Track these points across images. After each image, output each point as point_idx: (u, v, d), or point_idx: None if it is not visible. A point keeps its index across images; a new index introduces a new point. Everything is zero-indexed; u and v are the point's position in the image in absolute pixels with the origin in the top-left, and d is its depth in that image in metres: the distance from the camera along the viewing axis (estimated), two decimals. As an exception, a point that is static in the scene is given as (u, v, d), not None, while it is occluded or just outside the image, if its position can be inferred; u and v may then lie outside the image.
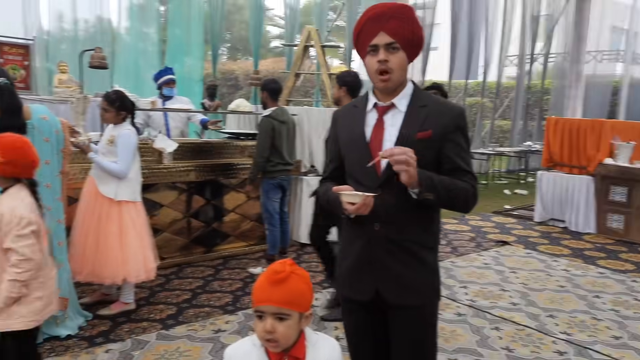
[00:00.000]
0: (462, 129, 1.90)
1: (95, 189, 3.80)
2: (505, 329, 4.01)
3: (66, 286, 3.49)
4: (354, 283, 1.94)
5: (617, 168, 7.34)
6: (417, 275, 1.89)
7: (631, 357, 3.64)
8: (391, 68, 1.81)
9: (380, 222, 1.85)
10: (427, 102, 1.88)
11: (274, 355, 1.49)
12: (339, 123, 2.04)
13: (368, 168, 1.85)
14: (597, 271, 5.67)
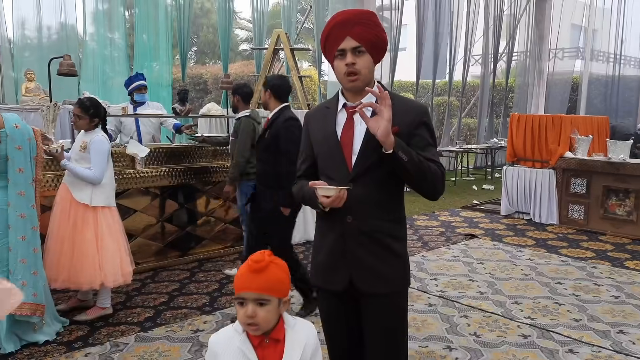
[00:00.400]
0: (427, 124, 2.02)
1: (69, 195, 3.84)
2: (473, 317, 4.20)
3: (42, 293, 3.53)
4: (328, 274, 2.06)
5: (576, 161, 7.65)
6: (388, 265, 2.00)
7: (589, 337, 3.86)
8: (358, 70, 1.92)
9: (352, 215, 1.97)
10: (394, 101, 1.96)
11: (256, 339, 1.61)
12: (311, 124, 2.15)
13: (340, 164, 1.97)
14: (559, 259, 5.93)
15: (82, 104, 3.90)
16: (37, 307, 3.47)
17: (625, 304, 4.55)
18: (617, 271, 5.54)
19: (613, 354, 3.60)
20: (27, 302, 3.40)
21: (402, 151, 1.86)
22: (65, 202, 3.85)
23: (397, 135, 1.90)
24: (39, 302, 3.48)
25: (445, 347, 3.64)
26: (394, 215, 2.04)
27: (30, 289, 3.43)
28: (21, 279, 3.38)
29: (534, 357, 3.53)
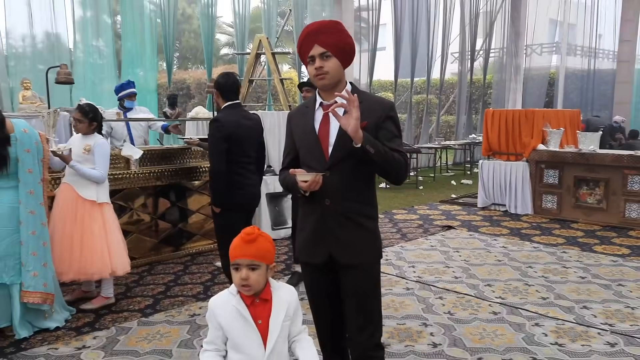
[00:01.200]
0: (393, 118, 2.32)
1: (73, 194, 4.13)
2: (447, 298, 4.55)
3: (51, 283, 3.82)
4: (310, 250, 2.39)
5: (549, 153, 8.06)
6: (361, 240, 2.32)
7: (555, 312, 4.23)
8: (326, 71, 2.23)
9: (330, 198, 2.29)
10: (363, 99, 2.25)
11: (248, 299, 1.93)
12: (293, 122, 2.47)
13: (318, 155, 2.29)
14: (531, 246, 6.31)
15: (82, 109, 4.21)
16: (47, 295, 3.76)
17: (591, 284, 4.94)
18: (586, 255, 5.93)
19: (575, 326, 3.97)
20: (38, 291, 3.70)
21: (369, 145, 2.14)
22: (69, 201, 4.14)
23: (365, 129, 2.19)
24: (49, 291, 3.77)
25: (421, 324, 3.99)
26: (366, 198, 2.35)
27: (40, 279, 3.72)
28: (32, 270, 3.69)
29: (502, 330, 3.88)
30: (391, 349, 3.51)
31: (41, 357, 3.44)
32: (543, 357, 3.45)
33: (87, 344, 3.65)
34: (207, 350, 1.95)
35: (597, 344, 3.65)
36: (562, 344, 3.64)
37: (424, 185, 11.53)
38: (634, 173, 7.26)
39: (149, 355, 3.46)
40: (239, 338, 1.90)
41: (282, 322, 1.94)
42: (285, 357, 1.97)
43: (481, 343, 3.66)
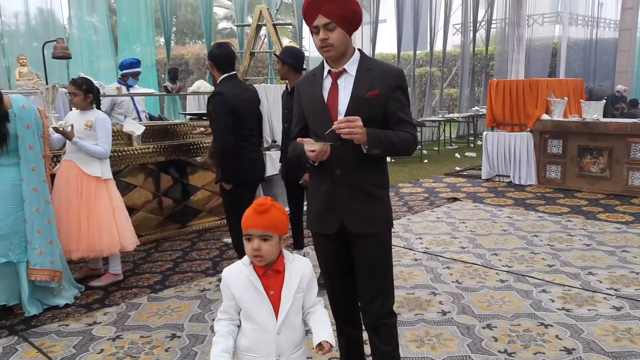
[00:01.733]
0: (402, 88, 2.29)
1: (76, 171, 4.11)
2: (455, 267, 4.57)
3: (58, 260, 3.84)
4: (321, 220, 2.38)
5: (552, 123, 8.02)
6: (373, 209, 2.30)
7: (561, 279, 4.25)
8: (331, 43, 2.18)
9: (341, 168, 2.26)
10: (373, 66, 2.26)
11: (260, 270, 1.93)
12: (301, 90, 2.43)
13: (327, 124, 2.25)
14: (536, 216, 6.32)
15: (75, 81, 4.16)
16: (54, 273, 3.78)
17: (596, 250, 4.95)
18: (590, 223, 5.95)
19: (582, 291, 3.99)
20: (45, 268, 3.72)
21: (374, 147, 2.19)
22: (75, 178, 4.12)
23: (377, 97, 2.21)
24: (56, 268, 3.79)
25: (430, 293, 4.01)
26: (376, 167, 2.32)
27: (47, 256, 3.73)
28: (38, 248, 3.69)
29: (510, 297, 3.90)
30: (401, 317, 3.53)
31: (52, 334, 3.47)
32: (551, 322, 3.48)
33: (97, 320, 3.68)
34: (221, 320, 1.96)
35: (603, 308, 3.67)
36: (569, 309, 3.66)
37: (428, 158, 11.51)
38: (638, 141, 7.23)
39: (161, 330, 3.49)
40: (251, 308, 1.91)
41: (295, 294, 1.94)
42: (298, 328, 1.98)
43: (489, 310, 3.69)
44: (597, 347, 3.13)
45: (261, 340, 1.91)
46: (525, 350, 3.12)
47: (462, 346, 3.18)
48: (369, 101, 2.23)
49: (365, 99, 2.23)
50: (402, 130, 2.29)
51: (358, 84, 2.25)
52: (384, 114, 2.28)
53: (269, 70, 11.51)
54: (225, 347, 1.89)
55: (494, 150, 8.66)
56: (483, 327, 3.42)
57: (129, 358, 3.13)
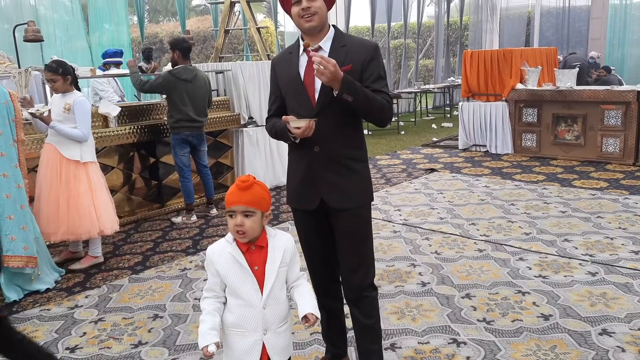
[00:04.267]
0: (377, 60, 2.29)
1: (57, 155, 4.05)
2: (434, 238, 4.63)
3: (33, 246, 3.74)
4: (302, 196, 2.39)
5: (527, 92, 8.09)
6: (352, 183, 2.32)
7: (538, 246, 4.34)
8: (314, 12, 2.18)
9: (319, 144, 2.26)
10: (346, 42, 2.27)
11: (244, 246, 1.95)
12: (276, 68, 2.41)
13: (305, 102, 2.26)
14: (513, 184, 6.42)
15: (50, 67, 4.06)
16: (28, 259, 3.70)
17: (571, 217, 5.06)
18: (565, 190, 6.06)
19: (558, 258, 4.08)
20: (17, 255, 3.64)
21: (347, 92, 2.13)
22: (54, 162, 4.06)
23: (350, 72, 2.18)
24: (30, 254, 3.70)
25: (409, 264, 4.07)
26: (355, 141, 2.35)
27: (19, 242, 3.65)
28: (9, 234, 3.62)
29: (488, 266, 3.98)
30: (381, 290, 3.58)
31: (34, 319, 3.45)
32: (528, 289, 3.56)
33: (79, 303, 3.66)
34: (207, 298, 1.97)
35: (579, 274, 3.76)
36: (545, 276, 3.75)
37: (405, 130, 11.55)
38: (610, 108, 7.34)
39: (143, 311, 3.49)
40: (236, 284, 1.92)
41: (278, 268, 1.96)
42: (283, 302, 2.00)
43: (468, 280, 3.75)
44: (574, 312, 3.22)
45: (247, 315, 1.93)
46: (503, 318, 3.19)
47: (442, 316, 3.24)
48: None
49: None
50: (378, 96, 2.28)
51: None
52: None
53: (245, 47, 11.38)
54: (212, 324, 1.90)
55: (470, 121, 8.72)
56: (462, 297, 3.49)
57: (112, 340, 3.13)
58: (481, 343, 2.91)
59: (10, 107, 3.69)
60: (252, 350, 1.94)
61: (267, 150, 6.65)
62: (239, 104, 6.44)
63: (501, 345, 2.89)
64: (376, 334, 2.48)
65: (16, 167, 3.71)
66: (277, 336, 1.97)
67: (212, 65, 6.55)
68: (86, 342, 3.12)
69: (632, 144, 7.24)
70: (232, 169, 6.58)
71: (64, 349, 3.04)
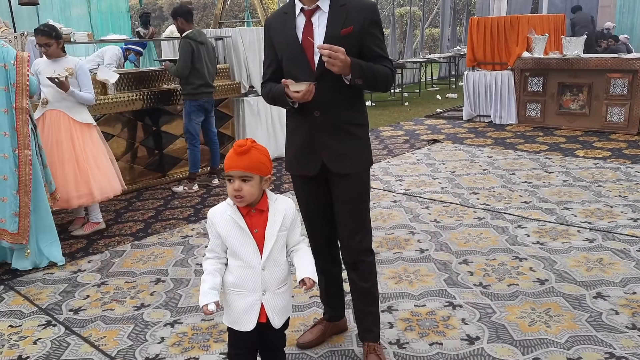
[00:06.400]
0: (377, 22, 2.27)
1: (67, 120, 4.09)
2: (434, 207, 4.65)
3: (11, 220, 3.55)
4: (302, 162, 2.37)
5: (533, 60, 8.00)
6: (354, 149, 2.32)
7: (537, 214, 4.35)
8: None
9: (319, 109, 2.23)
10: (346, 2, 2.21)
11: (244, 210, 1.97)
12: (271, 29, 2.35)
13: (304, 65, 2.22)
14: (515, 154, 6.40)
15: (43, 31, 4.02)
16: (2, 232, 3.54)
17: (572, 186, 5.06)
18: (568, 159, 6.04)
19: (556, 225, 4.10)
20: None
21: (357, 77, 2.17)
22: (66, 127, 4.09)
23: (352, 33, 2.18)
24: (6, 228, 3.54)
25: (408, 232, 4.10)
26: (355, 105, 2.33)
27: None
28: None
29: (486, 234, 4.00)
30: (380, 256, 3.62)
31: (38, 282, 3.51)
32: (525, 255, 3.59)
33: (82, 267, 3.72)
34: (209, 258, 2.01)
35: (577, 241, 3.79)
36: (543, 243, 3.78)
37: (409, 101, 11.48)
38: (617, 77, 7.26)
39: (145, 275, 3.55)
40: (236, 246, 1.96)
41: (278, 232, 1.98)
42: (282, 265, 2.03)
43: (466, 246, 3.78)
44: (569, 277, 3.25)
45: (247, 276, 1.97)
46: (499, 282, 3.23)
47: (439, 281, 3.28)
48: (344, 39, 2.17)
49: (341, 37, 2.17)
50: (381, 65, 2.26)
51: (332, 21, 2.20)
52: (359, 51, 2.23)
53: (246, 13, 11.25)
54: (213, 284, 1.95)
55: (474, 90, 8.64)
56: (459, 263, 3.52)
57: (115, 302, 3.19)
58: (476, 306, 2.96)
59: (11, 71, 3.53)
60: (251, 310, 1.99)
61: (269, 119, 6.63)
62: (239, 72, 6.40)
63: (496, 308, 2.93)
64: (373, 297, 2.51)
65: (4, 135, 3.51)
66: (275, 297, 2.01)
67: (212, 31, 6.49)
68: (89, 304, 3.18)
69: (637, 114, 7.18)
70: (233, 139, 6.57)
71: (67, 310, 3.11)
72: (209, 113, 5.48)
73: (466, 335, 2.68)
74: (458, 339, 2.66)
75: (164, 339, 2.78)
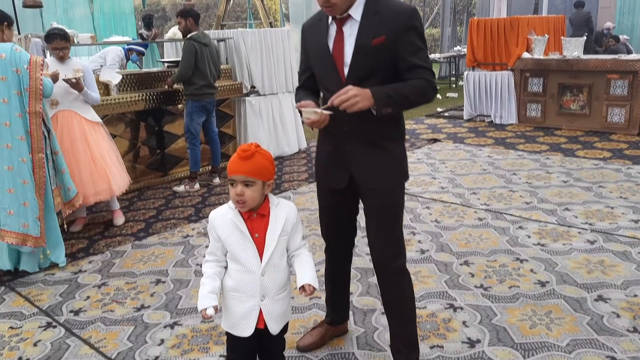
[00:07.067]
0: (415, 28, 2.06)
1: (79, 119, 4.20)
2: (434, 207, 4.65)
3: (35, 224, 3.54)
4: (330, 174, 2.29)
5: (533, 61, 7.99)
6: (385, 163, 2.18)
7: (538, 215, 4.35)
8: (335, 3, 2.00)
9: (349, 123, 2.12)
10: (381, 8, 2.04)
11: (245, 214, 1.96)
12: (306, 35, 2.26)
13: (334, 77, 2.11)
14: (516, 154, 6.40)
15: (61, 36, 4.13)
16: (25, 237, 3.52)
17: (573, 187, 5.06)
18: (568, 160, 6.04)
19: (557, 226, 4.10)
20: (14, 231, 3.49)
21: (384, 106, 2.01)
22: (78, 126, 4.18)
23: (384, 44, 2.03)
24: (28, 232, 3.52)
25: (409, 233, 4.09)
26: (388, 118, 2.13)
27: (18, 218, 3.49)
28: (8, 208, 3.47)
29: (487, 234, 4.00)
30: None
31: (38, 283, 3.51)
32: (526, 257, 3.59)
33: (83, 268, 3.72)
34: (209, 261, 2.00)
35: (578, 242, 3.79)
36: (544, 244, 3.77)
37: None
38: (617, 77, 7.26)
39: (146, 276, 3.55)
40: (236, 250, 1.95)
41: (279, 237, 1.97)
42: (282, 270, 2.02)
43: (467, 247, 3.78)
44: (570, 279, 3.25)
45: (246, 281, 1.96)
46: (500, 284, 3.23)
47: (440, 282, 3.28)
48: (376, 49, 2.05)
49: (372, 48, 2.05)
50: (415, 78, 2.08)
51: (363, 31, 2.07)
52: (393, 62, 2.09)
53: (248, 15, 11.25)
54: (212, 288, 1.94)
55: (475, 90, 8.65)
56: (460, 264, 3.52)
57: (115, 303, 3.19)
58: (477, 308, 2.96)
59: (24, 76, 3.49)
60: (249, 315, 1.98)
61: (270, 119, 6.63)
62: (241, 73, 6.40)
63: (497, 310, 2.93)
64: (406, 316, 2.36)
65: (21, 139, 3.51)
66: (274, 303, 2.00)
67: (214, 33, 6.49)
68: (90, 306, 3.18)
69: (637, 114, 7.18)
70: (235, 138, 6.58)
71: (68, 312, 3.11)
72: (211, 113, 5.49)
73: (467, 338, 2.68)
74: (459, 342, 2.66)
75: (164, 340, 2.79)
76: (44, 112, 3.64)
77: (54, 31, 4.20)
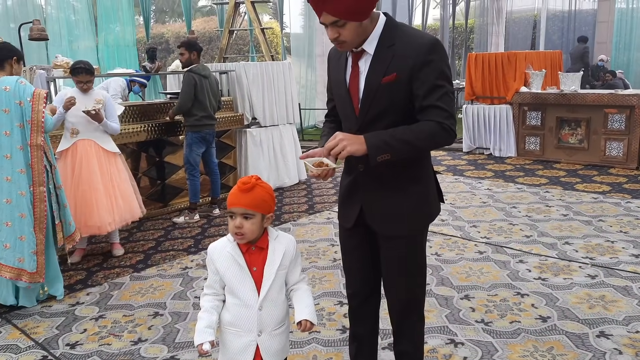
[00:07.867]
0: (431, 62, 1.87)
1: (98, 149, 4.31)
2: (434, 240, 4.64)
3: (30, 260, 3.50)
4: (343, 212, 2.21)
5: (531, 95, 8.08)
6: (404, 207, 2.02)
7: (538, 249, 4.34)
8: (344, 40, 1.88)
9: (364, 163, 1.98)
10: (395, 40, 1.89)
11: (244, 247, 1.95)
12: (330, 65, 2.17)
13: (350, 112, 2.00)
14: (515, 187, 6.42)
15: (87, 70, 4.25)
16: (20, 272, 3.47)
17: (573, 220, 5.05)
18: (568, 193, 6.05)
19: (558, 261, 4.08)
20: (9, 265, 3.45)
21: (382, 153, 1.85)
22: (97, 156, 4.28)
23: (395, 82, 1.88)
24: (23, 267, 3.48)
25: (410, 266, 4.07)
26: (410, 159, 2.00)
27: (14, 252, 3.45)
28: (4, 242, 3.43)
29: (488, 268, 3.99)
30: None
31: (35, 315, 3.48)
32: (527, 291, 3.56)
33: (80, 300, 3.69)
34: (207, 295, 1.98)
35: (579, 277, 3.77)
36: (545, 279, 3.75)
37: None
38: (614, 112, 7.33)
39: (144, 309, 3.52)
40: (234, 283, 1.93)
41: (277, 271, 1.95)
42: (280, 305, 1.99)
43: (467, 281, 3.76)
44: (572, 314, 3.22)
45: (243, 316, 1.93)
46: (501, 319, 3.20)
47: (441, 317, 3.25)
48: (388, 87, 1.90)
49: (382, 85, 1.91)
50: (425, 120, 1.90)
51: (374, 67, 1.93)
52: (408, 100, 1.92)
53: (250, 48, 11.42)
54: (209, 322, 1.91)
55: (474, 123, 8.72)
56: (461, 298, 3.50)
57: (112, 337, 3.16)
58: (479, 344, 2.92)
59: (26, 109, 3.50)
60: (246, 351, 1.94)
61: (271, 150, 6.67)
62: (242, 105, 6.47)
63: (498, 346, 2.90)
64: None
65: (21, 172, 3.49)
66: (272, 338, 1.96)
67: (216, 65, 6.59)
68: (86, 339, 3.14)
69: (635, 148, 7.22)
70: (235, 169, 6.61)
71: (64, 345, 3.07)
72: (210, 144, 5.52)
73: (468, 374, 2.65)
74: (460, 378, 2.62)
75: (162, 374, 2.75)
76: (46, 145, 3.64)
77: (79, 64, 4.30)
